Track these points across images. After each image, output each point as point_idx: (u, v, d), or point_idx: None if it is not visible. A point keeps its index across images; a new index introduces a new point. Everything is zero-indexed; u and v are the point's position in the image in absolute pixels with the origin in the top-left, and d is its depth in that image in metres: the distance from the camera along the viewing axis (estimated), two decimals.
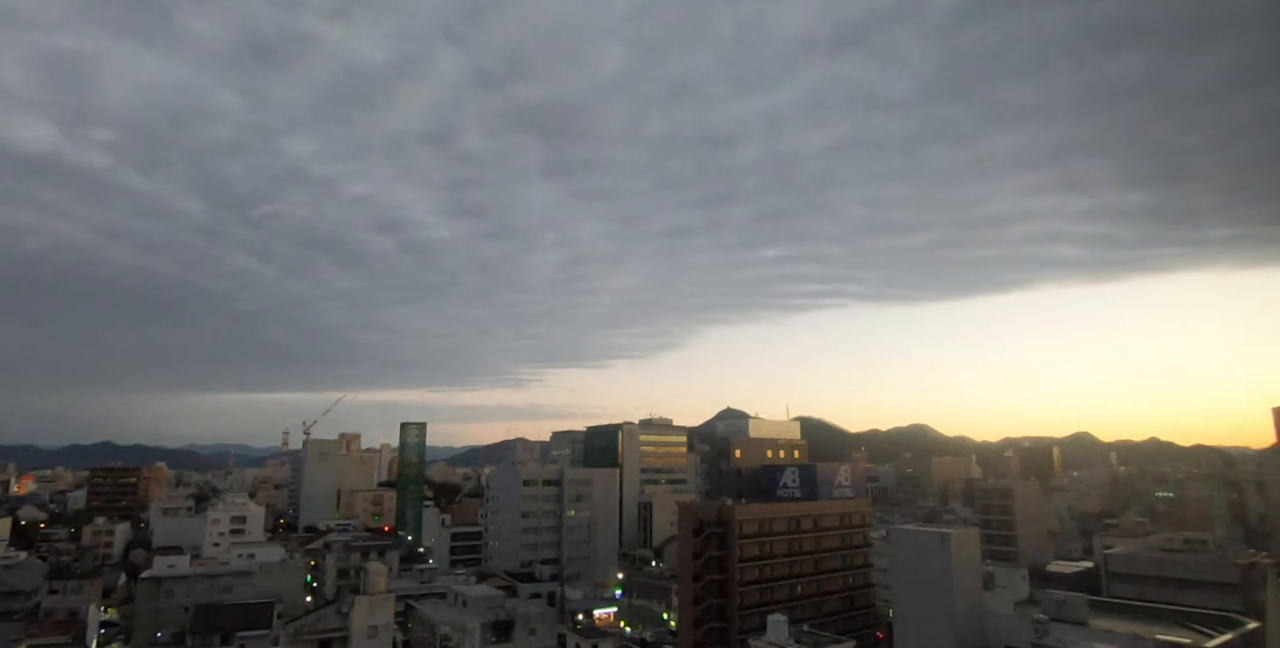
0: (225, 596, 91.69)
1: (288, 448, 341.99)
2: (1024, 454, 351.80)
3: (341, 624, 60.33)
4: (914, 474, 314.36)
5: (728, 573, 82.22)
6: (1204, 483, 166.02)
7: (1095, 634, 57.80)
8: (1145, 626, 61.59)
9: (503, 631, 73.51)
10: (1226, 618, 63.34)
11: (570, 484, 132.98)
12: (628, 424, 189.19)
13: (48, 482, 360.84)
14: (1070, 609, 62.88)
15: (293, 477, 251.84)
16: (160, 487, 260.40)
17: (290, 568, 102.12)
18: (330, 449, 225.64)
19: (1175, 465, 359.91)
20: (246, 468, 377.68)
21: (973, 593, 63.47)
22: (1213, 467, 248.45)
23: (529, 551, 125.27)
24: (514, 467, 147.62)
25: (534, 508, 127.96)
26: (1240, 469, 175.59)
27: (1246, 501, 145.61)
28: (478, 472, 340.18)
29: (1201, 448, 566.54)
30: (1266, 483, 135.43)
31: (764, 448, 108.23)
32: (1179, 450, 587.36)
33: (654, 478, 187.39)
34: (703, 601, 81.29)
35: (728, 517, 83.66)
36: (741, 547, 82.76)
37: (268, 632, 79.00)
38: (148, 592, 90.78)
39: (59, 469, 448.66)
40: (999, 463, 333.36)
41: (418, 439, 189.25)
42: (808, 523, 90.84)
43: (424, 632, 74.21)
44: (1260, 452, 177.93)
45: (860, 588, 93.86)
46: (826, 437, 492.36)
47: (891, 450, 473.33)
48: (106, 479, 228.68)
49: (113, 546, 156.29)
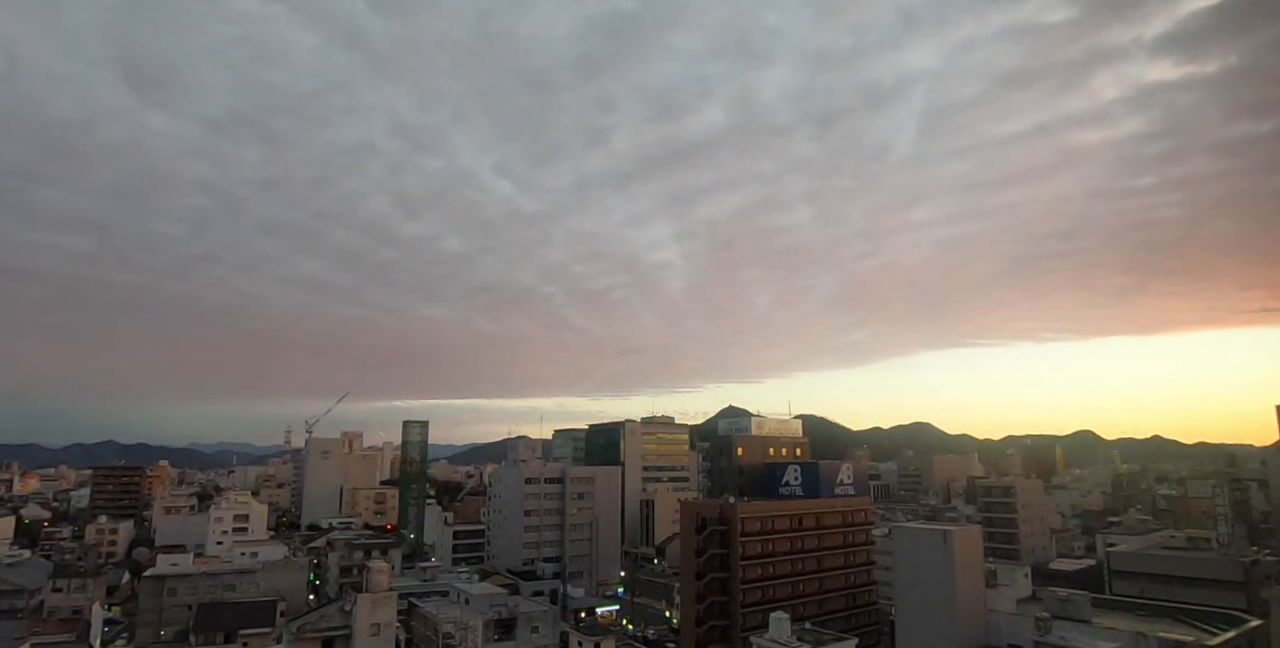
0: (228, 594, 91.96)
1: (290, 446, 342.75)
2: (1026, 452, 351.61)
3: (344, 622, 60.28)
4: (916, 472, 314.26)
5: (730, 571, 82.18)
6: (1207, 481, 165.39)
7: (1098, 632, 57.77)
8: (1148, 623, 61.52)
9: (505, 629, 73.56)
10: (1229, 616, 63.29)
11: (572, 482, 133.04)
12: (630, 422, 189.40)
13: (51, 480, 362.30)
14: (1073, 607, 62.88)
15: (295, 475, 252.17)
16: (163, 485, 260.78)
17: (293, 566, 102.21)
18: (333, 448, 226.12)
19: (1178, 463, 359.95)
20: (249, 467, 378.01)
21: (975, 591, 63.38)
22: (1215, 464, 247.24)
23: (531, 549, 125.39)
24: (516, 465, 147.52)
25: (536, 506, 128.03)
26: (1243, 467, 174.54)
27: (1249, 498, 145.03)
28: (480, 470, 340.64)
29: (1204, 446, 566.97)
30: (1270, 481, 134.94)
31: (766, 446, 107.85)
32: (1182, 448, 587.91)
33: (656, 476, 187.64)
34: (705, 598, 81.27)
35: (730, 515, 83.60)
36: (744, 545, 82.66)
37: (270, 630, 79.11)
38: (151, 590, 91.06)
39: (62, 468, 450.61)
40: (1001, 461, 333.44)
41: (420, 438, 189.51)
42: (810, 521, 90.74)
43: (426, 630, 74.29)
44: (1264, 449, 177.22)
45: (862, 586, 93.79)
46: (829, 435, 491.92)
47: (893, 448, 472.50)
48: (110, 478, 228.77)
49: (116, 544, 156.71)
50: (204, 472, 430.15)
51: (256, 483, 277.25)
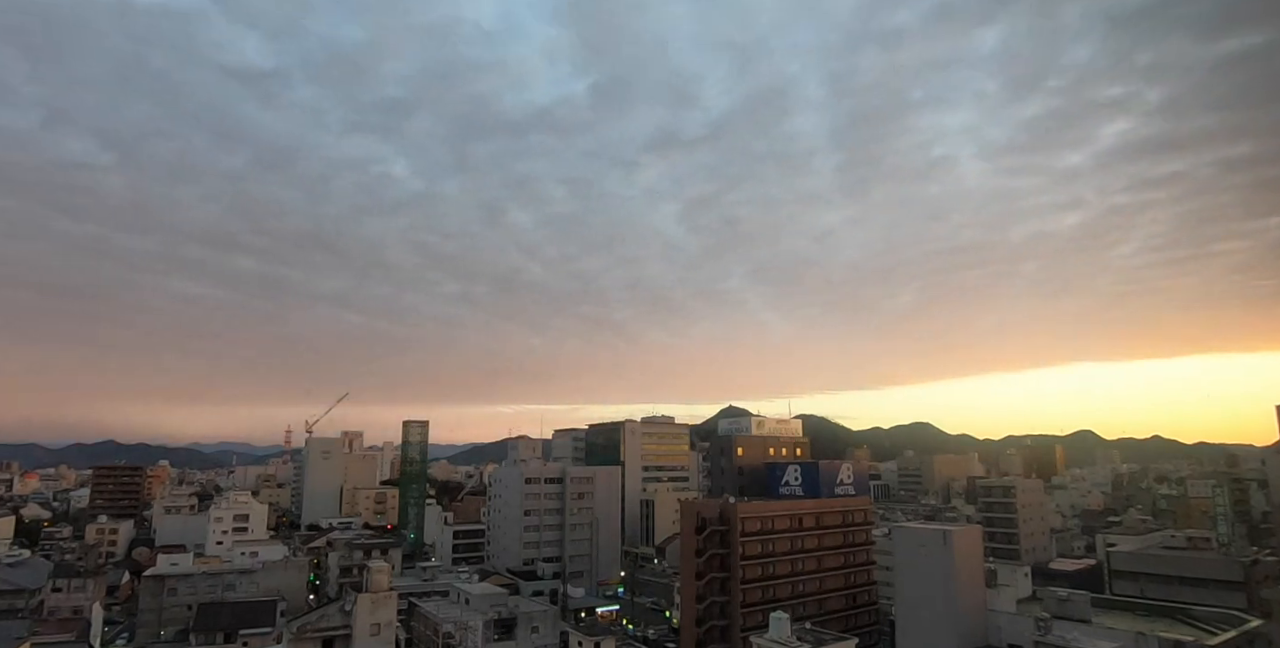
0: (228, 594, 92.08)
1: (290, 446, 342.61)
2: (1026, 452, 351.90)
3: (344, 622, 60.33)
4: (916, 472, 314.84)
5: (730, 571, 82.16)
6: (1207, 481, 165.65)
7: (1098, 632, 57.73)
8: (1148, 623, 61.53)
9: (505, 629, 73.55)
10: (1230, 616, 63.23)
11: (572, 482, 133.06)
12: (630, 422, 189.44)
13: (51, 480, 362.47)
14: (1073, 607, 62.88)
15: (295, 475, 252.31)
16: (163, 485, 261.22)
17: (293, 566, 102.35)
18: (333, 447, 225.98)
19: (1178, 463, 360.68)
20: (249, 467, 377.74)
21: (975, 591, 63.42)
22: (1215, 464, 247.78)
23: (531, 549, 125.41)
24: (516, 465, 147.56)
25: (536, 506, 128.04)
26: (1243, 467, 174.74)
27: (1250, 498, 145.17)
28: (480, 470, 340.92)
29: (1204, 445, 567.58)
30: (1270, 481, 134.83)
31: (766, 446, 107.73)
32: (1182, 448, 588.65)
33: (656, 476, 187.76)
34: (705, 598, 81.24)
35: (730, 514, 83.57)
36: (744, 545, 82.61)
37: (270, 630, 79.29)
38: (151, 590, 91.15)
39: (62, 468, 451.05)
40: (1001, 461, 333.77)
41: (420, 437, 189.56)
42: (810, 521, 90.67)
43: (427, 630, 74.42)
44: (1264, 449, 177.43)
45: (863, 586, 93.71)
46: (829, 435, 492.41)
47: (894, 448, 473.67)
48: (110, 478, 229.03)
49: (116, 544, 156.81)
50: (204, 472, 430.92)
51: (256, 483, 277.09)
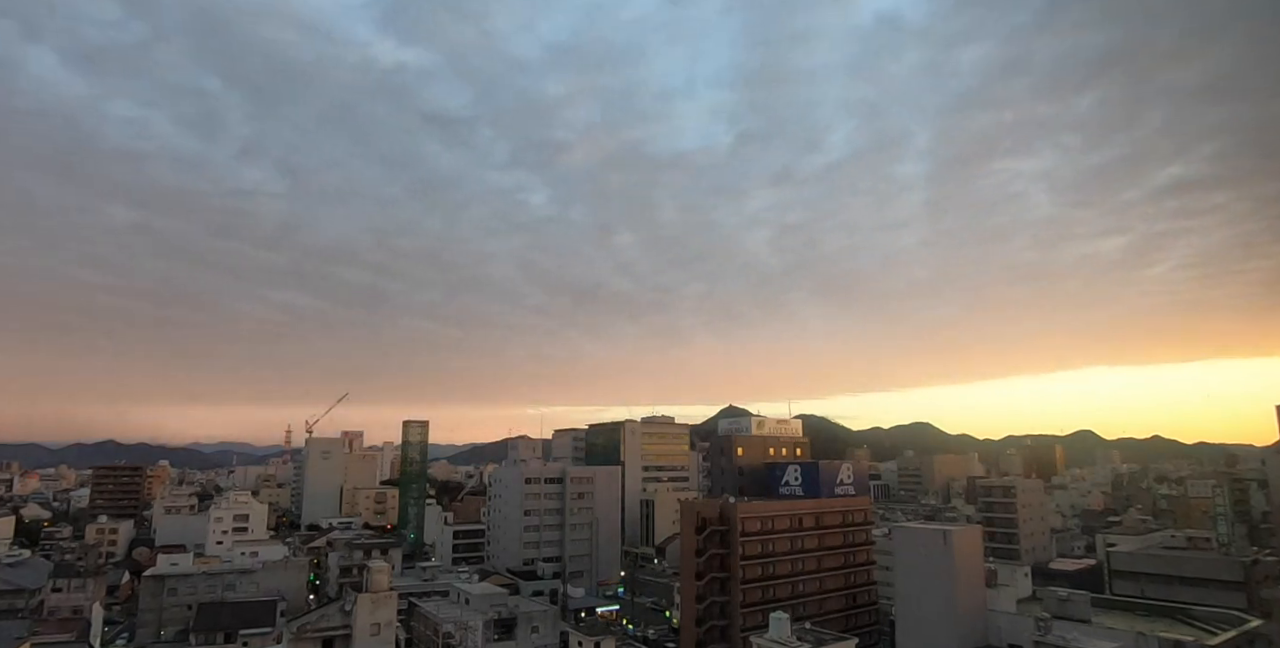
0: (228, 594, 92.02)
1: (290, 446, 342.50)
2: (1026, 452, 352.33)
3: (344, 622, 60.31)
4: (916, 472, 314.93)
5: (730, 571, 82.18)
6: (1207, 481, 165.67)
7: (1098, 632, 57.75)
8: (1148, 623, 61.58)
9: (505, 628, 73.59)
10: (1230, 616, 63.27)
11: (572, 482, 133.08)
12: (630, 422, 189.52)
13: (51, 480, 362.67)
14: (1073, 607, 62.93)
15: (295, 475, 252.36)
16: (163, 485, 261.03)
17: (293, 566, 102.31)
18: (333, 447, 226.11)
19: (1178, 463, 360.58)
20: (249, 467, 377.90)
21: (975, 591, 63.44)
22: (1215, 464, 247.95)
23: (531, 548, 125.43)
24: (516, 465, 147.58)
25: (536, 506, 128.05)
26: (1243, 467, 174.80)
27: (1250, 498, 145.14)
28: (480, 470, 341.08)
29: (1204, 446, 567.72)
30: (1270, 481, 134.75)
31: (766, 446, 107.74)
32: (1182, 448, 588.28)
33: (656, 476, 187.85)
34: (705, 598, 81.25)
35: (730, 514, 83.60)
36: (744, 545, 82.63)
37: (270, 630, 79.30)
38: (151, 590, 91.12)
39: (62, 468, 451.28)
40: (1001, 461, 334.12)
41: (420, 437, 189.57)
42: (810, 521, 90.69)
43: (427, 630, 74.36)
44: (1264, 449, 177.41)
45: (862, 586, 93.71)
46: (829, 435, 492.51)
47: (894, 448, 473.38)
48: (110, 478, 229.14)
49: (116, 544, 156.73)
50: (204, 472, 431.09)
51: (256, 483, 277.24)
